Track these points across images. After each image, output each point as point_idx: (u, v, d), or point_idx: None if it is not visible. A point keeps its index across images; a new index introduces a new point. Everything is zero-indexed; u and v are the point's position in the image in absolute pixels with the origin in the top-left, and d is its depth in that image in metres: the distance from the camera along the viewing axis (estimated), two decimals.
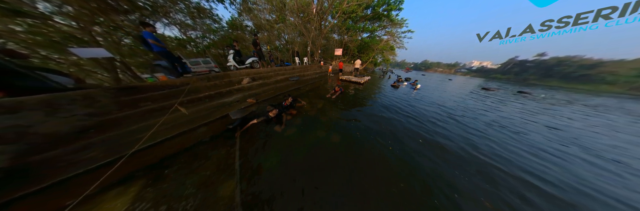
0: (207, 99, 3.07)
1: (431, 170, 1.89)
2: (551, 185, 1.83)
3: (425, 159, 2.09)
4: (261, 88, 4.41)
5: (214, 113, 2.84)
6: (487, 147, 2.54)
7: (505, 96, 8.99)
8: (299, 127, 2.84)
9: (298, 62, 8.78)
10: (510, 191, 1.67)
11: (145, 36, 2.58)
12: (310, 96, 5.00)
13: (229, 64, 4.48)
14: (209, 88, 3.25)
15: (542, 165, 2.17)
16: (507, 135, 3.11)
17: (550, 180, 1.91)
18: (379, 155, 2.12)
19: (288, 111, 3.44)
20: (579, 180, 1.99)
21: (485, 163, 2.10)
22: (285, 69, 6.37)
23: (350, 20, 14.56)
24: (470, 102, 6.21)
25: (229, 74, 3.92)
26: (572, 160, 2.44)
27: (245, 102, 3.60)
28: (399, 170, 1.88)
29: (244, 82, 4.03)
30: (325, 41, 15.89)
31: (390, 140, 2.52)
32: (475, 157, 2.23)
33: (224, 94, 3.43)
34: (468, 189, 1.65)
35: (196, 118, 2.50)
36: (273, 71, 5.54)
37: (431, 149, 2.34)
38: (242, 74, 4.28)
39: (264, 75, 4.98)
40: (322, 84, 7.22)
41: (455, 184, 1.70)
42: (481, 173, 1.89)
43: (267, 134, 2.61)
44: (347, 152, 2.15)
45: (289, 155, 2.08)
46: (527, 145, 2.74)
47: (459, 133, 2.95)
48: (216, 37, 10.10)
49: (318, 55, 12.36)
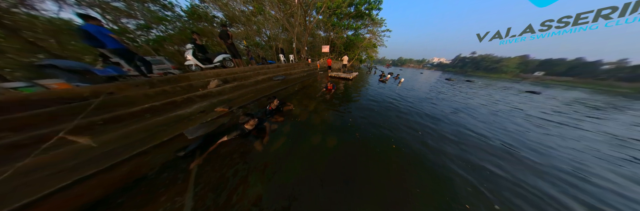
0: (148, 114, 2.06)
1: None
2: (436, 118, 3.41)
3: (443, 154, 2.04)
4: (237, 91, 3.46)
5: (161, 134, 1.89)
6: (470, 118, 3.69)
7: (460, 84, 12.64)
8: (289, 136, 2.28)
9: (283, 60, 7.83)
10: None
11: (91, 30, 2.09)
12: (300, 97, 4.29)
13: (187, 63, 3.38)
14: (152, 97, 2.22)
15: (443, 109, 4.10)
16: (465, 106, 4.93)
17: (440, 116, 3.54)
18: (384, 156, 1.92)
19: (273, 118, 2.65)
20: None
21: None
22: (268, 68, 5.41)
23: (335, 16, 14.45)
24: (445, 90, 8.04)
25: (187, 76, 2.88)
26: (459, 106, 4.59)
27: (213, 111, 2.67)
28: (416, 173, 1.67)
29: (211, 85, 3.05)
30: (311, 38, 15.13)
31: (392, 137, 2.41)
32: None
33: (180, 104, 2.44)
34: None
35: (122, 147, 1.54)
36: (252, 70, 4.57)
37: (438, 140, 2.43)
38: (208, 75, 3.26)
39: (240, 75, 4.00)
40: (312, 82, 6.59)
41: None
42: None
43: (243, 154, 1.91)
44: (347, 158, 1.87)
45: (277, 179, 1.53)
46: (448, 106, 4.51)
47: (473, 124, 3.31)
48: (171, 29, 7.83)
49: (305, 52, 11.44)
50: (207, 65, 3.69)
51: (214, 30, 8.96)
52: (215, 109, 2.73)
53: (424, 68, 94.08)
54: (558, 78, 57.49)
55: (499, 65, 72.09)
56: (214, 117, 2.62)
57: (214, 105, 2.80)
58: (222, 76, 3.53)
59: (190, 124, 2.29)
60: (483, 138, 2.59)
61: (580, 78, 57.58)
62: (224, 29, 3.81)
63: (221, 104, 2.93)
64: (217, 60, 3.82)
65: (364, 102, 4.21)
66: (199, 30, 8.01)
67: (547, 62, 69.48)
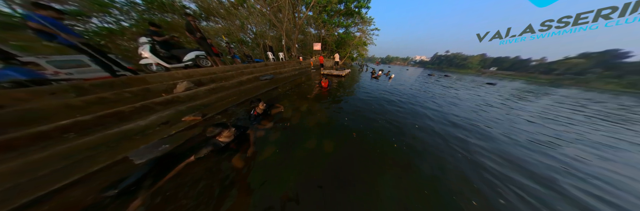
0: (72, 133, 1.46)
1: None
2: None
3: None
4: (214, 95, 2.88)
5: (94, 159, 1.33)
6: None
7: (441, 79, 14.49)
8: (279, 144, 1.89)
9: (272, 58, 7.21)
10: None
11: (48, 21, 1.81)
12: (291, 97, 3.82)
13: (144, 62, 2.70)
14: (79, 108, 1.60)
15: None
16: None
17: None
18: (384, 152, 1.86)
19: (260, 124, 2.24)
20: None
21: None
22: (253, 66, 4.81)
23: (325, 13, 14.01)
24: (430, 85, 8.78)
25: (142, 79, 2.25)
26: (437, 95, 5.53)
27: (180, 122, 2.10)
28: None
29: (178, 88, 2.44)
30: (302, 36, 14.52)
31: (392, 133, 2.36)
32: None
33: (129, 115, 1.84)
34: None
35: (24, 184, 0.96)
36: (235, 69, 3.96)
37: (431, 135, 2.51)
38: (175, 77, 2.64)
39: (220, 76, 3.40)
40: (304, 81, 6.11)
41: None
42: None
43: (214, 174, 1.44)
44: (347, 161, 1.68)
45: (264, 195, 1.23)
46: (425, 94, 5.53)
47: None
48: (125, 19, 6.06)
49: (295, 50, 10.84)
50: (175, 65, 3.02)
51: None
52: (184, 119, 2.16)
53: (408, 66, 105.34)
54: (505, 73, 73.07)
55: (466, 62, 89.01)
56: (182, 128, 2.05)
57: (182, 114, 2.22)
58: (195, 77, 2.91)
59: (144, 141, 1.71)
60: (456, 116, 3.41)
61: (518, 72, 73.15)
62: (188, 20, 2.98)
63: (192, 112, 2.36)
64: (188, 59, 3.15)
65: (361, 98, 4.20)
66: (164, 23, 6.40)
67: (497, 60, 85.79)
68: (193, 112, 2.38)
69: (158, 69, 2.82)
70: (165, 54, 2.88)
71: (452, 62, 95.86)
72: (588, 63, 61.90)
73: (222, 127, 1.50)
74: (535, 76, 60.01)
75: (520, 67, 77.79)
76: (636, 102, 11.90)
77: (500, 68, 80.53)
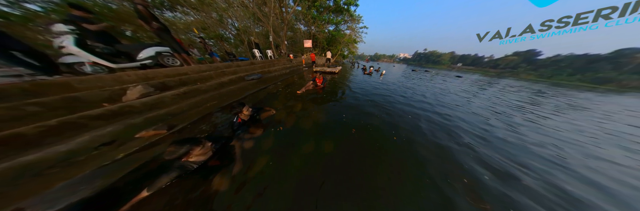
0: None
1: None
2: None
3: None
4: (186, 100, 2.29)
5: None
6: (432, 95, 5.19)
7: (422, 73, 16.15)
8: (273, 153, 1.62)
9: (259, 56, 6.54)
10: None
11: None
12: (283, 98, 3.43)
13: (66, 61, 1.92)
14: None
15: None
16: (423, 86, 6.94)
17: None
18: (383, 147, 1.81)
19: (247, 132, 1.85)
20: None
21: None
22: (237, 65, 4.18)
23: (314, 9, 13.54)
24: (416, 80, 9.54)
25: (66, 83, 1.59)
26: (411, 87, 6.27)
27: (132, 140, 1.54)
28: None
29: (128, 96, 1.82)
30: (291, 33, 13.80)
31: (390, 127, 2.36)
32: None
33: (37, 139, 1.22)
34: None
35: None
36: (214, 69, 3.33)
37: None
38: (124, 80, 1.99)
39: (193, 77, 2.76)
40: (296, 80, 5.66)
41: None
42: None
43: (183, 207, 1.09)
44: (348, 160, 1.56)
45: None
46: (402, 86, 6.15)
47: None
48: (41, 2, 4.38)
49: (285, 47, 10.13)
50: (125, 64, 2.31)
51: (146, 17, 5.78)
52: (139, 135, 1.58)
53: (394, 62, 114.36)
54: (467, 67, 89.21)
55: (440, 58, 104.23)
56: (134, 149, 1.48)
57: (137, 128, 1.63)
58: (157, 79, 2.27)
59: (64, 177, 1.14)
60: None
61: (477, 67, 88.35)
62: (135, 4, 2.13)
63: (152, 124, 1.77)
64: (146, 56, 2.44)
65: (358, 94, 4.23)
66: (108, 11, 4.45)
67: (463, 57, 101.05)
68: (154, 125, 1.79)
69: (96, 70, 2.10)
70: (106, 50, 2.15)
71: (429, 58, 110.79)
72: (518, 60, 76.90)
73: (190, 143, 1.10)
74: (487, 70, 73.26)
75: (478, 62, 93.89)
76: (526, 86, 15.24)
77: (465, 64, 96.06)
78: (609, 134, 3.25)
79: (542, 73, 60.24)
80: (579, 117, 4.46)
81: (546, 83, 26.13)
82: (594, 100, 9.26)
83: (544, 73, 60.40)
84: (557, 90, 12.90)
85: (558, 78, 54.41)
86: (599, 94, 14.69)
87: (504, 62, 78.39)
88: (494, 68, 77.18)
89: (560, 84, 27.39)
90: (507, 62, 77.62)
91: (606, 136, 3.10)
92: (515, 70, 68.00)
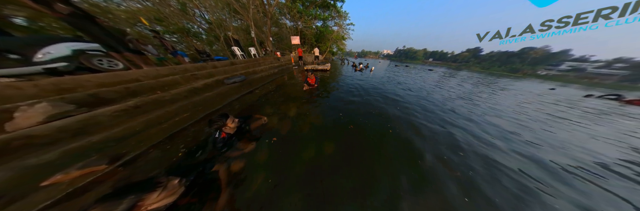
0: None
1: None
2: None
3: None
4: (138, 117, 1.67)
5: None
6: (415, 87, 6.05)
7: (403, 68, 19.21)
8: (269, 168, 1.37)
9: (240, 54, 5.75)
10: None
11: None
12: (274, 102, 3.03)
13: None
14: None
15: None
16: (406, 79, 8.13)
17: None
18: (380, 140, 1.96)
19: (236, 149, 1.45)
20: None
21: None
22: (213, 66, 3.48)
23: (299, 2, 12.59)
24: (402, 73, 11.56)
25: None
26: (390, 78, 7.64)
27: (37, 189, 0.93)
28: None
29: (19, 121, 1.16)
30: (276, 28, 12.76)
31: (387, 121, 2.49)
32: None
33: None
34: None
35: None
36: (181, 72, 2.64)
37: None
38: (9, 95, 1.29)
39: (148, 84, 2.08)
40: (287, 80, 5.14)
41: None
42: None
43: None
44: (349, 158, 1.59)
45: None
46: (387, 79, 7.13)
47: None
48: None
49: (270, 44, 9.27)
50: (12, 70, 1.52)
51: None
52: (47, 181, 1.00)
53: (380, 59, 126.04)
54: (436, 62, 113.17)
55: (416, 54, 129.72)
56: (39, 206, 0.91)
57: (42, 171, 1.03)
58: (83, 91, 1.58)
59: None
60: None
61: (443, 61, 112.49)
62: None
63: (75, 160, 1.18)
64: (53, 57, 1.65)
65: (354, 91, 4.26)
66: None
67: (432, 53, 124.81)
68: (83, 159, 1.21)
69: None
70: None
71: (407, 54, 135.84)
72: (469, 55, 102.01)
73: (135, 192, 0.59)
74: (449, 64, 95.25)
75: (443, 57, 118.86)
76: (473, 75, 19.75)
77: (435, 59, 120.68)
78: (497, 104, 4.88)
79: (484, 66, 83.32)
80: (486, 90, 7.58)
81: (485, 73, 35.27)
82: (506, 84, 12.77)
83: (485, 65, 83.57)
84: (488, 79, 16.96)
85: (493, 69, 76.24)
86: (512, 80, 20.88)
87: (460, 57, 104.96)
88: (454, 62, 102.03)
89: (493, 74, 38.69)
90: (462, 57, 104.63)
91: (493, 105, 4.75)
92: (468, 63, 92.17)
